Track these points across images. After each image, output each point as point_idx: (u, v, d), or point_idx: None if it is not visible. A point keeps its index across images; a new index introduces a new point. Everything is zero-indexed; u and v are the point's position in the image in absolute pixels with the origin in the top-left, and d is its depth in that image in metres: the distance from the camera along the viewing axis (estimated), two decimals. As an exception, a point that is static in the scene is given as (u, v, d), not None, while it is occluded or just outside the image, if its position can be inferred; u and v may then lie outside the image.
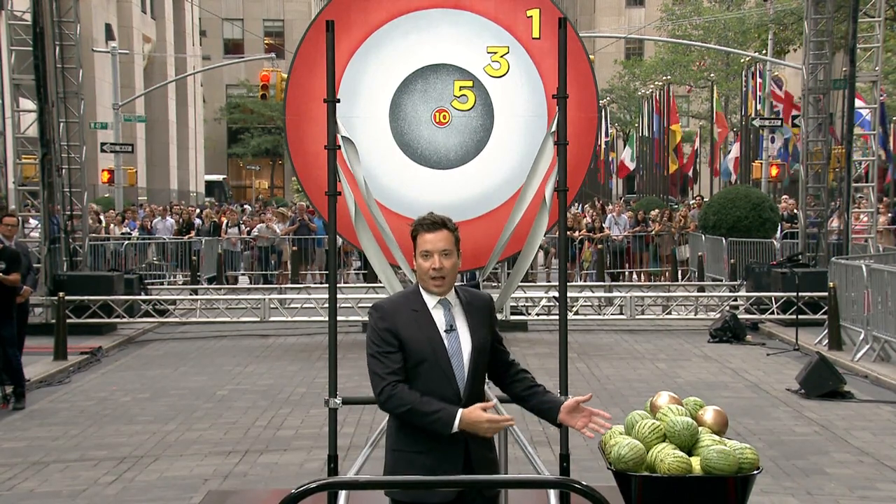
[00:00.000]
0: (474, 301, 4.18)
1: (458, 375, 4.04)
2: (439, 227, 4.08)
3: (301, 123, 6.55)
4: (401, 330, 4.04)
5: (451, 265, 4.08)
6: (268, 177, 65.58)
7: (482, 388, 4.19)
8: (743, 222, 21.36)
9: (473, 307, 4.15)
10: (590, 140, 6.65)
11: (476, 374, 4.09)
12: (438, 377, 4.02)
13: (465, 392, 4.04)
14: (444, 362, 4.03)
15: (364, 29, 6.49)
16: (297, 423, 10.22)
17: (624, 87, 56.61)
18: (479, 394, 4.14)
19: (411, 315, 4.07)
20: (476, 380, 4.09)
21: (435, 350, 4.03)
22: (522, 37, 6.48)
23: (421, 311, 4.08)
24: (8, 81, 16.36)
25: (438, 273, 4.05)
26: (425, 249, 4.07)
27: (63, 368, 13.22)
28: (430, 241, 4.06)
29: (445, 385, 4.02)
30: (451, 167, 6.51)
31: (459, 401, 4.01)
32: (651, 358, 14.20)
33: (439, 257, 4.05)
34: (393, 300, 4.26)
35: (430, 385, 4.01)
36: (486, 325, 4.15)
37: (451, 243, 4.09)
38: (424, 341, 4.03)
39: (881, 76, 19.69)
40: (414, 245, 4.13)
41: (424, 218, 4.15)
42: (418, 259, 4.09)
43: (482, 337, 4.11)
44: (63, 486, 8.06)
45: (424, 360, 4.03)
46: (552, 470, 4.79)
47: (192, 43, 52.60)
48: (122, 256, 20.99)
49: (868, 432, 9.75)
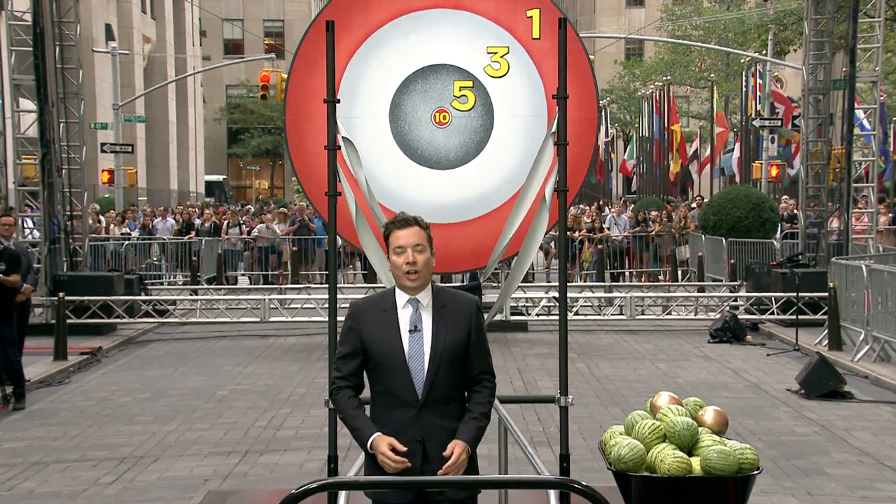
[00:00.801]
0: (451, 303, 4.18)
1: (417, 377, 4.08)
2: (411, 224, 4.17)
3: (301, 123, 6.55)
4: (364, 330, 4.14)
5: (424, 260, 4.13)
6: (268, 177, 65.58)
7: (454, 390, 4.15)
8: (743, 222, 21.36)
9: (448, 309, 4.16)
10: (590, 140, 6.65)
11: (440, 377, 4.08)
12: (397, 378, 4.09)
13: (424, 393, 4.07)
14: (401, 363, 4.08)
15: (364, 29, 6.49)
16: (297, 424, 10.22)
17: (624, 88, 56.61)
18: (447, 396, 4.11)
19: (379, 315, 4.16)
20: (441, 382, 4.09)
21: (393, 350, 4.09)
22: (522, 37, 6.47)
23: (389, 311, 4.16)
24: (8, 81, 16.36)
25: (412, 267, 4.11)
26: (398, 245, 4.13)
27: (63, 369, 13.22)
28: (402, 237, 4.14)
29: (402, 386, 4.08)
30: (451, 167, 6.50)
31: (418, 402, 4.06)
32: (651, 358, 14.20)
33: (412, 251, 4.11)
34: (369, 299, 4.35)
35: (389, 385, 4.11)
36: (459, 329, 4.14)
37: (423, 239, 4.15)
38: (383, 342, 4.10)
39: (881, 76, 19.68)
40: (387, 245, 4.20)
41: (395, 217, 4.24)
42: (392, 257, 4.16)
43: (450, 340, 4.10)
44: (63, 487, 8.06)
45: (382, 360, 4.10)
46: (552, 470, 4.78)
47: (192, 43, 52.59)
48: (122, 257, 21.00)
49: (868, 432, 9.74)
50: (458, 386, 4.16)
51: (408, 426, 4.06)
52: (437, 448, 4.04)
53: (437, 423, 4.07)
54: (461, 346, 4.12)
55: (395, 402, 4.10)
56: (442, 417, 4.08)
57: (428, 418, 4.06)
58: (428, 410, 4.07)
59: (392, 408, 4.10)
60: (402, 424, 4.06)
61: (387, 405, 4.12)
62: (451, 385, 4.12)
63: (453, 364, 4.11)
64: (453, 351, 4.10)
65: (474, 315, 4.19)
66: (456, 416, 4.13)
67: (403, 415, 4.07)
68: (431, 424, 4.06)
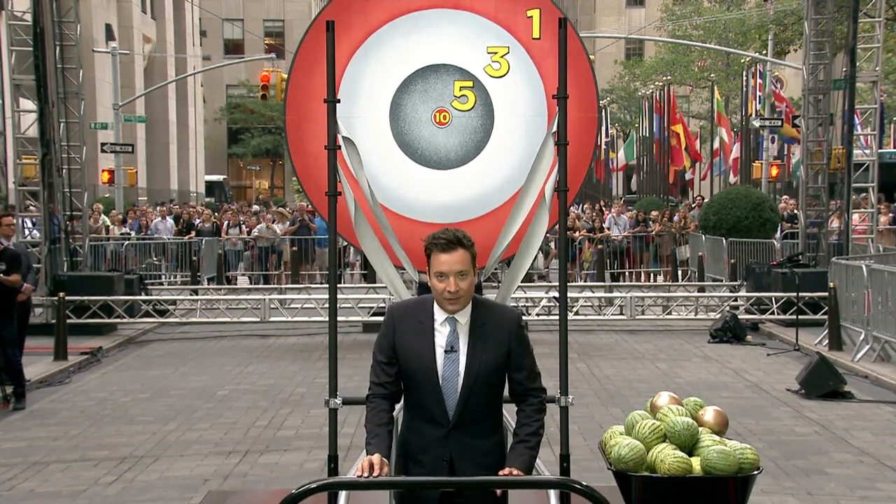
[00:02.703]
0: (490, 322, 4.01)
1: (450, 399, 3.98)
2: (454, 247, 3.91)
3: (301, 123, 6.56)
4: (399, 341, 4.01)
5: (467, 286, 3.92)
6: (268, 177, 65.57)
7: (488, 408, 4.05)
8: (743, 222, 21.35)
9: (486, 328, 3.99)
10: (590, 140, 6.67)
11: (473, 398, 3.98)
12: (429, 397, 3.99)
13: (454, 415, 3.98)
14: (434, 383, 3.97)
15: (364, 29, 6.50)
16: (297, 424, 10.22)
17: (624, 87, 56.61)
18: (481, 415, 4.02)
19: (416, 326, 4.00)
20: (474, 404, 3.98)
21: (426, 370, 3.97)
22: (522, 37, 6.48)
23: (426, 325, 4.00)
24: (8, 81, 16.36)
25: (454, 295, 3.92)
26: (440, 271, 3.91)
27: (63, 368, 13.22)
28: (445, 263, 3.90)
29: (434, 406, 3.99)
30: (451, 167, 6.52)
31: (448, 423, 3.98)
32: (651, 358, 14.19)
33: (455, 280, 3.90)
34: (406, 305, 4.19)
35: (421, 401, 4.03)
36: (498, 347, 4.00)
37: (467, 263, 3.92)
38: (418, 359, 3.98)
39: (881, 76, 19.67)
40: (428, 261, 3.99)
41: (439, 235, 3.95)
42: (433, 279, 3.96)
43: (486, 361, 3.98)
44: (63, 487, 8.06)
45: (414, 377, 4.00)
46: (552, 470, 4.77)
47: (192, 43, 52.58)
48: (122, 257, 20.99)
49: (868, 432, 9.74)
50: (492, 405, 4.06)
51: (436, 444, 3.99)
52: (465, 465, 3.98)
53: (467, 442, 3.99)
54: (499, 366, 4.00)
55: (426, 417, 4.02)
56: (472, 437, 4.00)
57: (458, 438, 3.99)
58: (458, 432, 3.99)
59: (424, 422, 4.02)
60: (432, 441, 4.00)
61: (420, 418, 4.04)
62: (484, 405, 4.02)
63: (489, 385, 4.01)
64: (489, 372, 3.98)
65: (514, 331, 4.02)
66: (487, 433, 4.05)
67: (434, 431, 4.00)
68: (461, 444, 3.99)
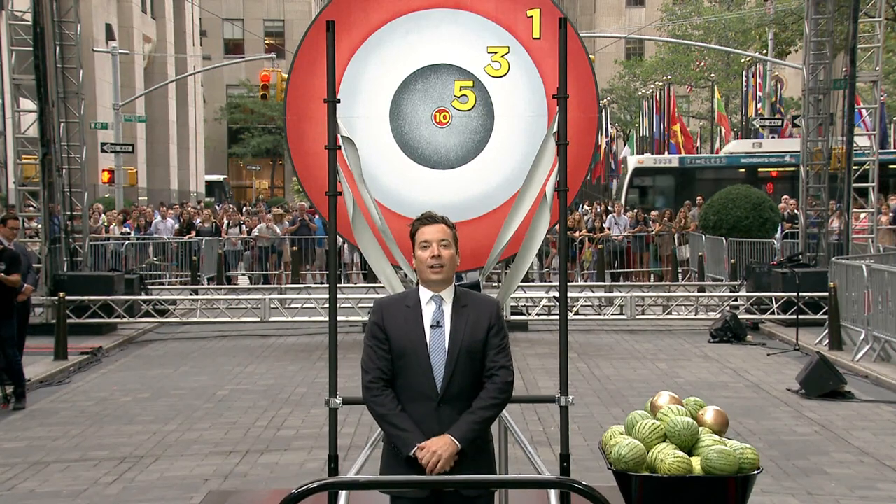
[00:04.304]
0: (472, 304, 4.23)
1: (437, 371, 4.13)
2: (437, 221, 4.25)
3: (301, 123, 6.56)
4: (388, 324, 4.19)
5: (449, 255, 4.20)
6: (268, 177, 65.55)
7: (472, 386, 4.16)
8: (743, 222, 21.35)
9: (468, 308, 4.21)
10: (590, 140, 6.66)
11: (458, 372, 4.13)
12: (418, 371, 4.14)
13: (442, 387, 4.12)
14: (424, 357, 4.14)
15: (364, 29, 6.50)
16: (297, 423, 10.22)
17: (624, 87, 56.61)
18: (466, 391, 4.14)
19: (403, 311, 4.21)
20: (459, 378, 4.13)
21: (415, 344, 4.15)
22: (523, 37, 6.48)
23: (413, 307, 4.21)
24: (8, 81, 16.37)
25: (437, 261, 4.17)
26: (424, 240, 4.20)
27: (63, 368, 13.22)
28: (428, 233, 4.21)
29: (423, 380, 4.13)
30: (451, 167, 6.51)
31: (437, 396, 4.11)
32: (651, 358, 14.19)
33: (437, 246, 4.18)
34: (393, 297, 4.43)
35: (410, 379, 4.15)
36: (479, 327, 4.17)
37: (448, 235, 4.23)
38: (407, 336, 4.15)
39: (881, 76, 19.68)
40: (413, 242, 4.26)
41: (422, 214, 4.31)
42: (417, 251, 4.22)
43: (469, 336, 4.15)
44: (63, 487, 8.06)
45: (405, 354, 4.15)
46: (552, 470, 4.78)
47: (192, 43, 52.56)
48: (123, 256, 20.99)
49: (868, 432, 9.74)
50: (475, 384, 4.18)
51: (426, 420, 4.10)
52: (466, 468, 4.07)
53: (454, 419, 4.10)
54: (480, 343, 4.16)
55: (414, 395, 4.14)
56: (459, 414, 4.12)
57: (446, 413, 4.11)
58: (446, 406, 4.12)
59: (411, 401, 4.14)
60: (421, 418, 4.10)
61: (406, 399, 4.15)
62: (468, 382, 4.16)
63: (472, 361, 4.15)
64: (472, 347, 4.15)
65: (494, 315, 4.22)
66: None
67: (422, 408, 4.12)
68: (449, 420, 4.10)
